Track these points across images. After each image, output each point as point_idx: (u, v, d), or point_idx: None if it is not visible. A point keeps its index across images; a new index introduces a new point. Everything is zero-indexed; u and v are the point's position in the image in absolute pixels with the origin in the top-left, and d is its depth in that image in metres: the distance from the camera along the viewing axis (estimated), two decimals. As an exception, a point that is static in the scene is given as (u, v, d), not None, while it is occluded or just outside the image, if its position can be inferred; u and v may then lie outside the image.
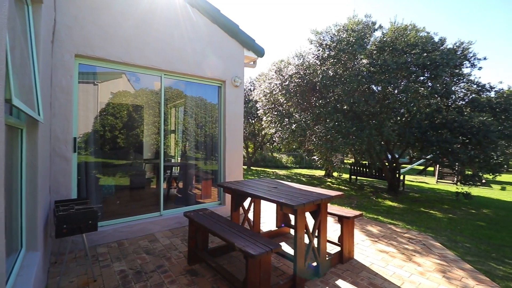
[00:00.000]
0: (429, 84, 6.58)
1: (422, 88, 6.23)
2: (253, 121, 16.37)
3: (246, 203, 4.81)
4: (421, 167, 17.61)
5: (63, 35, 3.40)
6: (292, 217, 4.60)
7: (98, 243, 3.63)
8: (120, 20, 3.87)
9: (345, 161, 16.57)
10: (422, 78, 6.67)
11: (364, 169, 11.09)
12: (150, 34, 4.14)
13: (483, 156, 6.16)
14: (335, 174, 14.15)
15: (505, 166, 7.10)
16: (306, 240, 3.18)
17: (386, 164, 8.95)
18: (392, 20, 7.71)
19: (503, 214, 6.72)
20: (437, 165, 11.86)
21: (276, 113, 8.93)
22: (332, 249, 3.66)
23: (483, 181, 11.05)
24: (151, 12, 4.17)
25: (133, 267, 3.04)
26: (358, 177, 12.18)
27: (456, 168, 7.30)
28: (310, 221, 2.95)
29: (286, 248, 3.68)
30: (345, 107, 7.23)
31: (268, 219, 5.08)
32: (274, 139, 10.72)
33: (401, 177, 9.55)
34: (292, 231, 4.27)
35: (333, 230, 4.48)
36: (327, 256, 3.12)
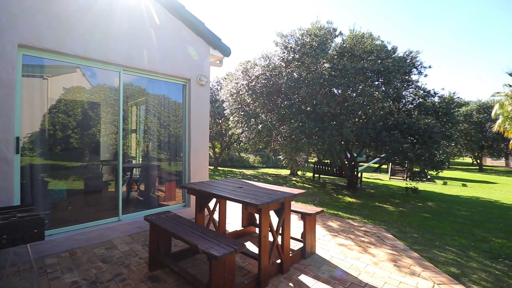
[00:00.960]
0: (383, 88, 7.15)
1: (377, 92, 6.74)
2: (220, 121, 16.22)
3: (212, 204, 4.74)
4: (376, 165, 19.01)
5: (5, 23, 3.04)
6: (257, 216, 4.67)
7: (46, 254, 3.30)
8: (75, 11, 3.56)
9: (309, 160, 17.24)
10: (376, 83, 7.23)
11: (326, 168, 11.65)
12: (108, 27, 3.88)
13: (428, 155, 6.86)
14: (299, 172, 14.65)
15: (446, 163, 8.01)
16: (271, 238, 3.24)
17: (346, 162, 9.50)
18: (351, 27, 8.22)
19: (445, 206, 7.55)
20: (390, 163, 12.86)
21: (242, 113, 8.95)
22: (296, 245, 3.78)
23: (428, 177, 12.29)
24: (111, 4, 3.91)
25: (87, 277, 2.82)
26: (321, 175, 12.73)
27: (406, 166, 8.02)
28: (274, 219, 3.02)
29: (252, 247, 3.72)
30: (308, 108, 7.52)
31: (234, 219, 5.08)
32: (241, 139, 10.75)
33: (359, 175, 10.22)
34: (258, 230, 4.33)
35: (296, 227, 4.63)
36: (290, 252, 3.22)
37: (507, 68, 13.25)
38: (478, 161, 26.01)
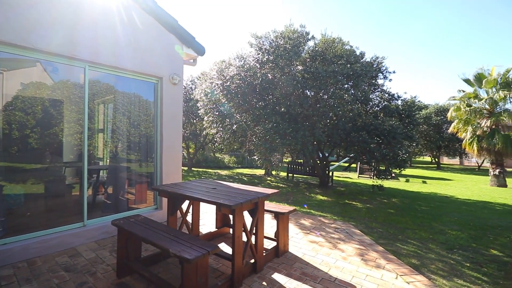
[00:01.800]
0: (352, 91, 7.50)
1: (346, 95, 7.07)
2: (194, 120, 15.91)
3: (185, 206, 4.65)
4: (346, 164, 19.88)
5: None
6: (232, 216, 4.66)
7: (1, 265, 3.02)
8: (38, 2, 3.30)
9: (284, 159, 17.55)
10: (346, 86, 7.56)
11: (300, 167, 11.94)
12: (74, 21, 3.64)
13: (392, 154, 7.33)
14: (273, 172, 14.85)
15: (409, 162, 8.62)
16: (245, 238, 3.27)
17: (318, 162, 9.83)
18: (323, 32, 8.52)
19: (407, 202, 8.09)
20: (358, 162, 13.50)
21: (217, 113, 8.88)
22: (269, 244, 3.84)
23: (393, 175, 13.13)
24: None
25: None
26: (295, 175, 13.03)
27: (373, 164, 8.49)
28: (248, 219, 3.05)
29: (226, 248, 3.71)
30: (282, 109, 7.66)
31: (208, 221, 5.03)
32: (215, 139, 10.65)
33: (330, 174, 10.61)
34: (232, 231, 4.32)
35: (270, 226, 4.70)
36: (264, 251, 3.27)
37: (462, 74, 14.52)
38: (436, 159, 28.28)
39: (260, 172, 16.21)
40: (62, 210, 4.02)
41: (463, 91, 14.71)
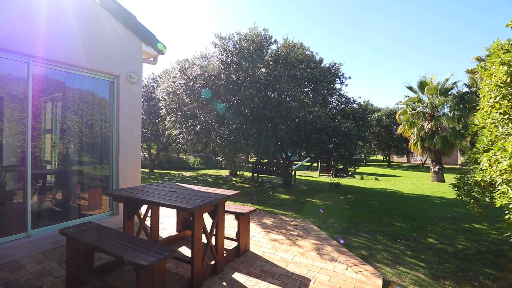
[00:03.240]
0: (311, 95, 7.89)
1: (307, 98, 7.42)
2: (156, 120, 15.26)
3: (144, 210, 4.48)
4: (308, 163, 20.76)
5: None
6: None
7: None
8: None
9: (250, 159, 17.69)
10: (306, 89, 7.93)
11: (264, 167, 12.18)
12: (15, 10, 3.30)
13: (348, 154, 7.88)
14: (238, 172, 14.92)
15: (363, 160, 9.32)
16: (205, 240, 3.28)
17: (281, 162, 10.13)
18: (285, 37, 8.82)
19: (361, 198, 8.75)
20: (319, 161, 14.17)
21: (180, 113, 8.67)
22: (231, 244, 3.90)
23: (350, 173, 14.04)
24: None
25: (-17, 307, 2.38)
26: (260, 175, 13.24)
27: (332, 164, 9.03)
28: (209, 221, 3.07)
29: (187, 251, 3.68)
30: (246, 110, 7.75)
31: (169, 224, 4.92)
32: (178, 140, 10.38)
33: (293, 173, 11.01)
34: (193, 233, 4.29)
35: (232, 227, 4.77)
36: (225, 252, 3.32)
37: (406, 83, 16.17)
38: (387, 158, 30.96)
39: (225, 172, 16.16)
40: (1, 220, 3.61)
41: (408, 96, 16.35)
